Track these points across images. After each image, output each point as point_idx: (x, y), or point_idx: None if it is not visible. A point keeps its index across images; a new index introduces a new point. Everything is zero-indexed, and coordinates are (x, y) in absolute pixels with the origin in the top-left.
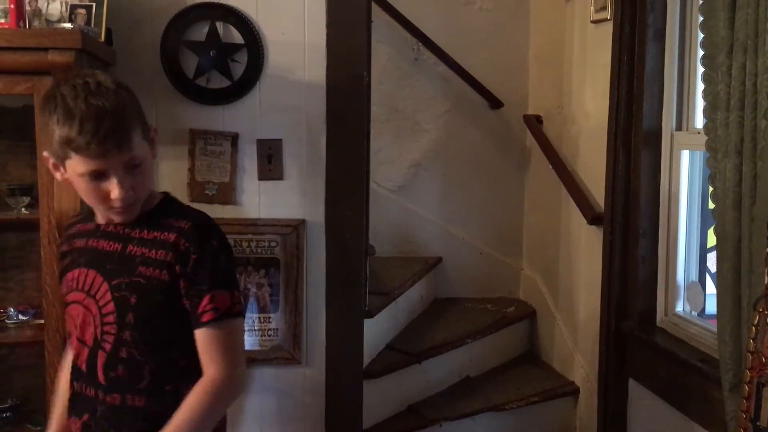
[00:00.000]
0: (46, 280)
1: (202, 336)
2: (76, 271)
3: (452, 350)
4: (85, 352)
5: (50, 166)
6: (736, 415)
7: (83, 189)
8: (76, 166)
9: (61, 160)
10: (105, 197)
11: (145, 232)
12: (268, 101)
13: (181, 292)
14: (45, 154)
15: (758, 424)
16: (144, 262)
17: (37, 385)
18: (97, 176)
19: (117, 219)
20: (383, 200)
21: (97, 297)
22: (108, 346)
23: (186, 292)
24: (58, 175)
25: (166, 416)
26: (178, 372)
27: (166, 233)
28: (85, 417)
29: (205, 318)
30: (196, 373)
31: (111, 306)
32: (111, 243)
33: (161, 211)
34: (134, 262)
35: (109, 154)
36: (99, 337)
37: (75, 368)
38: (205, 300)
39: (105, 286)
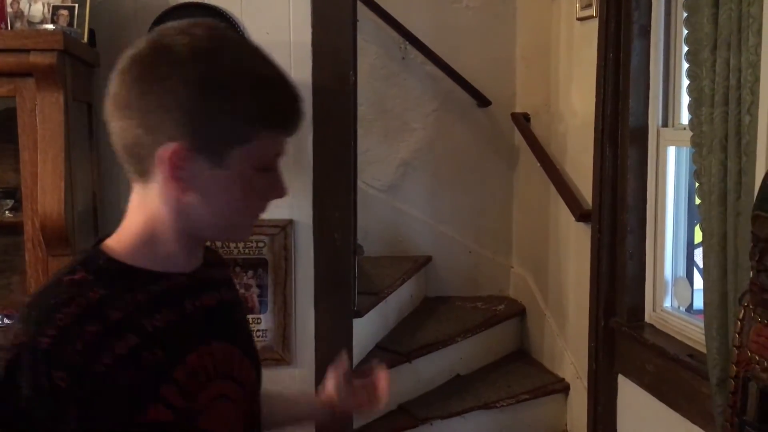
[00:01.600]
0: (31, 284)
1: None
2: (195, 355)
3: (442, 349)
4: None
5: (174, 171)
6: (723, 409)
7: (248, 189)
8: (256, 152)
9: (227, 149)
10: (264, 197)
11: (214, 271)
12: None
13: None
14: (174, 146)
15: (745, 418)
16: (242, 309)
17: None
18: (268, 167)
19: (240, 238)
20: (372, 200)
21: (236, 375)
22: None
23: None
24: (179, 186)
25: None
26: None
27: (222, 269)
28: None
29: None
30: None
31: (255, 379)
32: (211, 294)
33: None
34: (237, 311)
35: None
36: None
37: None
38: None
39: (236, 352)
